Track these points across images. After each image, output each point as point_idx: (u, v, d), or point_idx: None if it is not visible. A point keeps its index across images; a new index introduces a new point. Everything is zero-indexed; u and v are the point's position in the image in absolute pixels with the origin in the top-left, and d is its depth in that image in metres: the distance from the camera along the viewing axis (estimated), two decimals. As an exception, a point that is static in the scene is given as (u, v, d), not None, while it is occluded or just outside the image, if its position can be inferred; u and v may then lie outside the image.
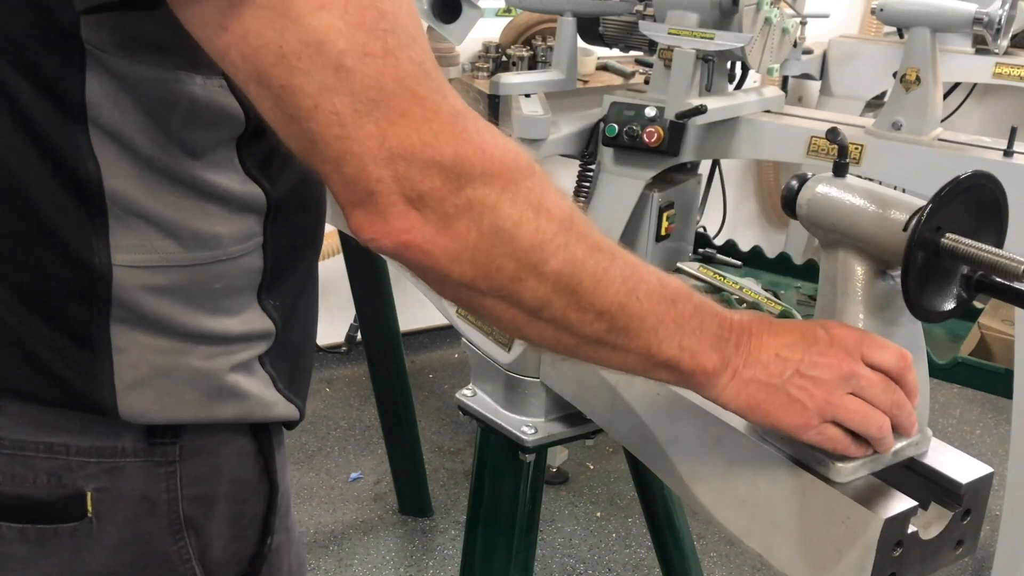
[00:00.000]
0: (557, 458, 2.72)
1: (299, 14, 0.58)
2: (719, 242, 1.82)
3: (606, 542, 2.54)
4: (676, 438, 0.93)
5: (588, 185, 1.63)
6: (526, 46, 3.01)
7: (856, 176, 0.83)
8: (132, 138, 0.69)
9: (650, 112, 1.51)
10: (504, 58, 2.99)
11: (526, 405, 1.29)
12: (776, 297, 1.56)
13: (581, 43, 1.68)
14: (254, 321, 0.79)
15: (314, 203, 0.84)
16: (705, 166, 1.79)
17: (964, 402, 3.26)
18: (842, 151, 0.83)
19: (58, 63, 0.66)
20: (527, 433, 1.28)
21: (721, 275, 1.57)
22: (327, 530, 2.53)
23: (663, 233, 1.60)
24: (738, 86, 1.65)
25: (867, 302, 0.81)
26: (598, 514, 2.64)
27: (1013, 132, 1.46)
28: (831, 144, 0.94)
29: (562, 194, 0.69)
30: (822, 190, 0.82)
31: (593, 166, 1.62)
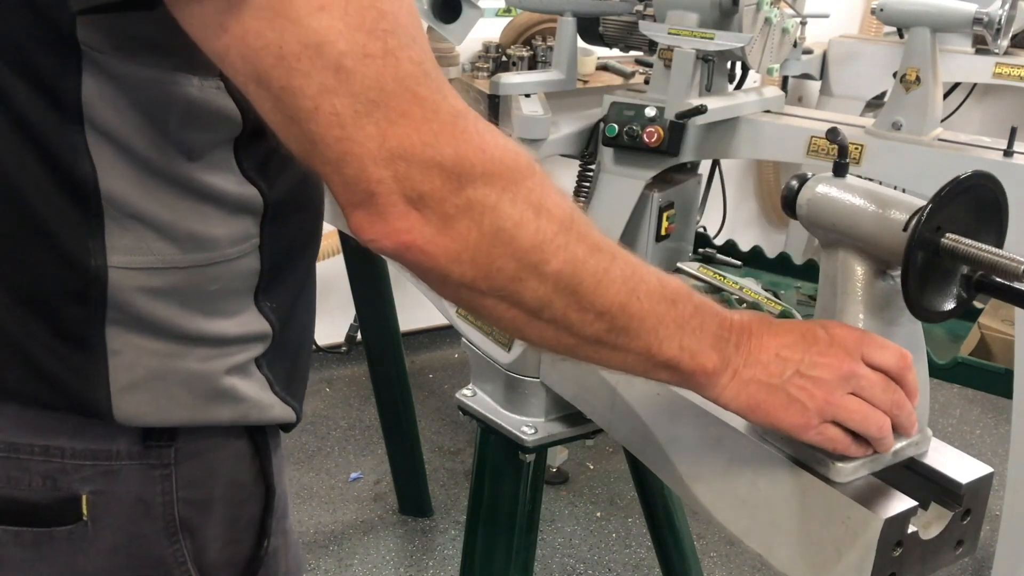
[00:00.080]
0: (557, 458, 2.72)
1: (299, 15, 0.57)
2: (719, 242, 1.82)
3: (606, 542, 2.54)
4: (676, 438, 0.93)
5: (588, 185, 1.63)
6: (526, 46, 3.01)
7: (856, 176, 0.83)
8: (128, 139, 0.68)
9: (650, 112, 1.51)
10: (504, 58, 2.99)
11: (526, 405, 1.29)
12: (776, 297, 1.56)
13: (581, 43, 1.68)
14: (251, 323, 0.79)
15: (312, 205, 0.84)
16: (705, 166, 1.79)
17: (964, 402, 3.26)
18: (842, 151, 0.83)
19: (54, 64, 0.66)
20: (527, 433, 1.28)
21: (721, 275, 1.57)
22: (327, 530, 2.52)
23: (663, 233, 1.59)
24: (738, 86, 1.65)
25: (867, 302, 0.81)
26: (598, 514, 2.64)
27: (1013, 132, 1.46)
28: (831, 144, 0.94)
29: (562, 194, 0.69)
30: (822, 190, 0.82)
31: (593, 166, 1.62)
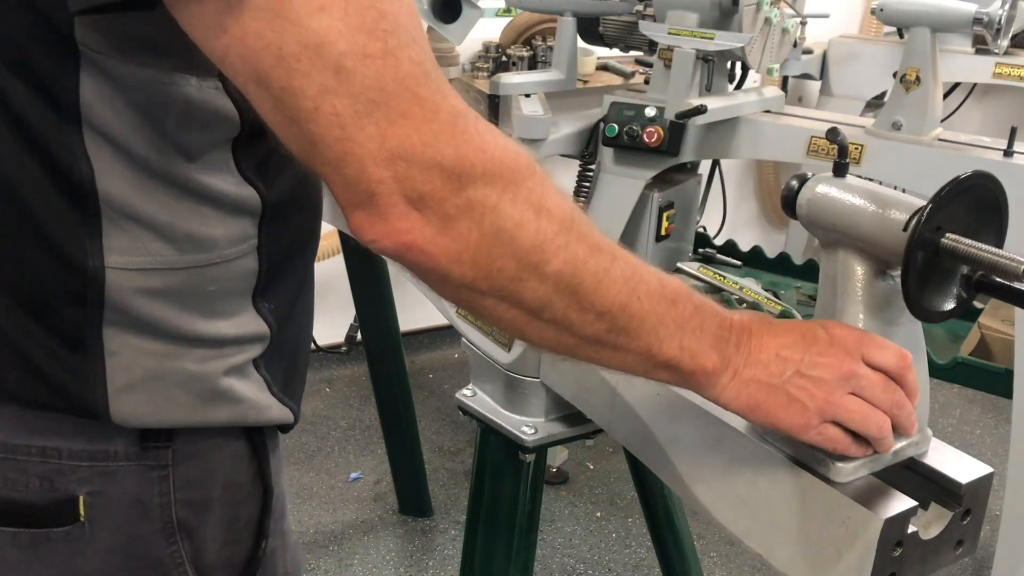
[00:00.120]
0: (557, 458, 2.72)
1: (298, 16, 0.57)
2: (719, 242, 1.81)
3: (606, 542, 2.53)
4: (676, 438, 0.93)
5: (588, 185, 1.63)
6: (526, 46, 3.01)
7: (856, 176, 0.83)
8: (126, 140, 0.68)
9: (650, 112, 1.51)
10: (504, 58, 2.99)
11: (526, 405, 1.29)
12: (776, 297, 1.56)
13: (581, 43, 1.68)
14: (248, 324, 0.79)
15: (310, 205, 0.83)
16: (705, 166, 1.79)
17: (964, 402, 3.26)
18: (842, 151, 0.83)
19: (52, 64, 0.66)
20: (527, 433, 1.28)
21: (721, 275, 1.57)
22: (327, 530, 2.52)
23: (663, 233, 1.59)
24: (738, 86, 1.65)
25: (867, 302, 0.81)
26: (598, 514, 2.64)
27: (1013, 132, 1.46)
28: (831, 144, 0.94)
29: (562, 194, 0.69)
30: (822, 190, 0.82)
31: (593, 166, 1.62)
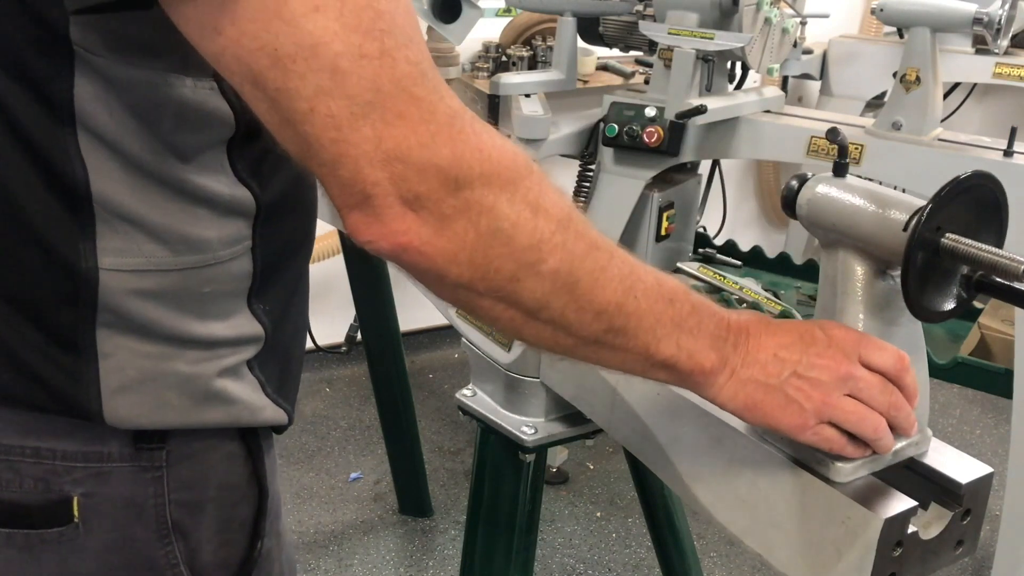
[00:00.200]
0: (557, 458, 2.72)
1: (294, 16, 0.57)
2: (719, 242, 1.81)
3: (606, 542, 2.53)
4: (676, 438, 0.92)
5: (588, 185, 1.63)
6: (526, 46, 3.01)
7: (856, 176, 0.83)
8: (121, 141, 0.68)
9: (650, 112, 1.50)
10: (504, 58, 2.99)
11: (526, 405, 1.29)
12: (776, 297, 1.56)
13: (581, 43, 1.68)
14: (243, 325, 0.79)
15: (305, 206, 0.83)
16: (705, 166, 1.79)
17: (964, 402, 3.25)
18: (842, 151, 0.83)
19: (47, 65, 0.66)
20: (527, 433, 1.27)
21: (721, 275, 1.57)
22: (327, 530, 2.52)
23: (663, 233, 1.59)
24: (738, 86, 1.65)
25: (867, 302, 0.81)
26: (598, 514, 2.64)
27: (1013, 132, 1.46)
28: (831, 144, 0.94)
29: (560, 193, 0.68)
30: (822, 190, 0.81)
31: (593, 166, 1.62)
